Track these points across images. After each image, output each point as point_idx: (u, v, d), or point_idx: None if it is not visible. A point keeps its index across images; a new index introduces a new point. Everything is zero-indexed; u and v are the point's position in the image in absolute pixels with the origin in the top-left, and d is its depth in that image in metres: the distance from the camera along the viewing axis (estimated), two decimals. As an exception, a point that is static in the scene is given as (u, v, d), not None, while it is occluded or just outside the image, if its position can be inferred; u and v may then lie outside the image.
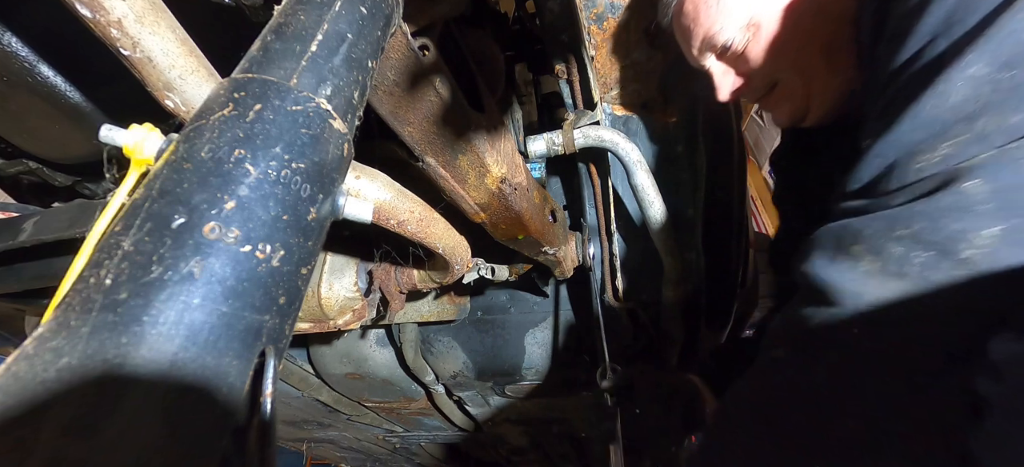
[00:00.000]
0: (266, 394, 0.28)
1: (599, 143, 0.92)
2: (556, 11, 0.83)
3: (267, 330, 0.29)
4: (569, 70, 0.93)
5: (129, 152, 0.38)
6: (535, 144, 0.94)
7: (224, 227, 0.28)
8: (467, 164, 0.76)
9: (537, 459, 2.23)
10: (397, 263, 0.97)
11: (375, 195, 0.61)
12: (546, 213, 1.00)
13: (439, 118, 0.67)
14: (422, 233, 0.69)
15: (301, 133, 0.33)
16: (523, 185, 0.88)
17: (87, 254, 0.33)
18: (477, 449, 2.28)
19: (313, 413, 1.86)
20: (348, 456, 2.65)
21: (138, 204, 0.28)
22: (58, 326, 0.25)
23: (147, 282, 0.26)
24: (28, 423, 0.21)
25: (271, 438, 0.28)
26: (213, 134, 0.31)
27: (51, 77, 0.71)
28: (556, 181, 1.25)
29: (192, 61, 0.46)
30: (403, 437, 2.13)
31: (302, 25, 0.38)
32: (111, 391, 0.23)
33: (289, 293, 0.31)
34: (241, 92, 0.33)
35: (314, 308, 0.95)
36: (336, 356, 1.47)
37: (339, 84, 0.38)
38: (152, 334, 0.25)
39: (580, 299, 1.30)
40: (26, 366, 0.23)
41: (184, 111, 0.47)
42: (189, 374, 0.25)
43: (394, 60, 0.56)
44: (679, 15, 0.76)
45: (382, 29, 0.45)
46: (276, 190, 0.31)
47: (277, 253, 0.30)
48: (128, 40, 0.42)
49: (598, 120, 0.94)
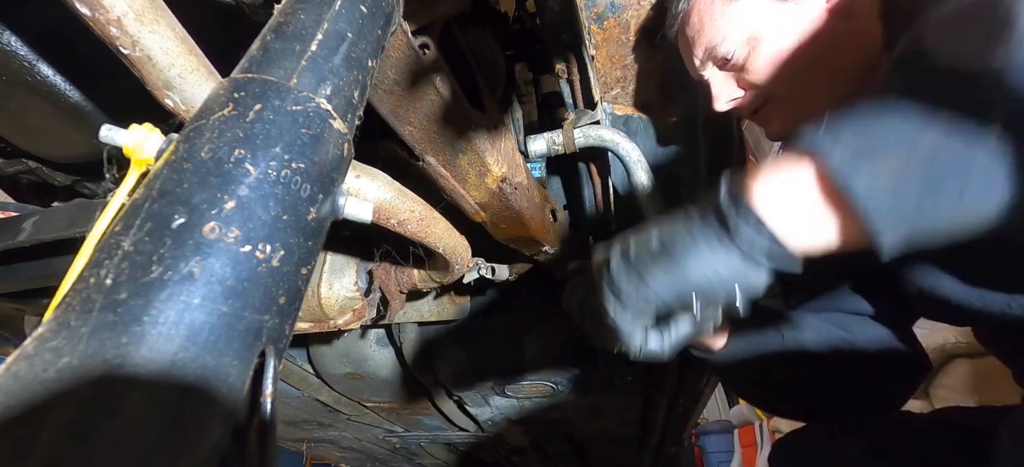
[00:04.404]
0: (266, 394, 0.28)
1: (599, 143, 0.92)
2: (556, 10, 0.83)
3: (267, 330, 0.29)
4: (569, 70, 0.93)
5: (129, 152, 0.38)
6: (535, 143, 0.94)
7: (224, 227, 0.28)
8: (467, 163, 0.76)
9: (537, 459, 2.23)
10: (397, 263, 0.97)
11: (375, 195, 0.61)
12: (546, 213, 1.00)
13: (440, 117, 0.67)
14: (422, 233, 0.69)
15: (301, 133, 0.33)
16: (523, 184, 0.88)
17: (87, 254, 0.33)
18: (477, 449, 2.28)
19: (313, 413, 1.86)
20: (348, 456, 2.65)
21: (138, 204, 0.28)
22: (58, 326, 0.25)
23: (147, 282, 0.26)
24: (28, 423, 0.21)
25: (271, 438, 0.28)
26: (213, 134, 0.31)
27: (51, 76, 0.71)
28: (556, 181, 1.25)
29: (192, 60, 0.45)
30: (403, 437, 2.13)
31: (302, 24, 0.38)
32: (111, 391, 0.23)
33: (289, 293, 0.31)
34: (241, 92, 0.33)
35: (314, 308, 0.95)
36: (336, 356, 1.47)
37: (339, 84, 0.38)
38: (152, 334, 0.25)
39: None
40: (26, 366, 0.23)
41: (184, 110, 0.47)
42: (189, 374, 0.25)
43: (394, 59, 0.56)
44: (685, 26, 0.78)
45: (382, 28, 0.45)
46: (276, 190, 0.31)
47: (277, 253, 0.30)
48: (128, 39, 0.42)
49: (598, 120, 0.94)
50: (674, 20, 0.79)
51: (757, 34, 0.72)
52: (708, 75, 0.79)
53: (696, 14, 0.76)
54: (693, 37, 0.77)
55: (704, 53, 0.77)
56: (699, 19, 0.76)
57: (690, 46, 0.79)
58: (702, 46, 0.77)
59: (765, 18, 0.72)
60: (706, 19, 0.75)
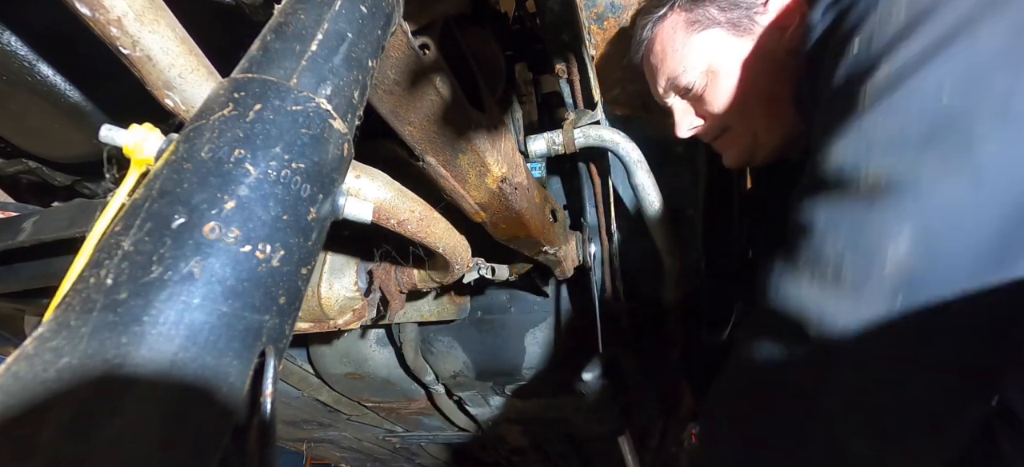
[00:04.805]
0: (266, 394, 0.28)
1: (599, 143, 0.92)
2: (556, 10, 0.83)
3: (267, 330, 0.29)
4: (569, 70, 0.93)
5: (129, 152, 0.38)
6: (535, 143, 0.94)
7: (224, 227, 0.28)
8: (467, 163, 0.76)
9: (537, 459, 2.22)
10: (397, 263, 0.97)
11: (375, 195, 0.61)
12: (546, 213, 1.00)
13: (440, 117, 0.67)
14: (422, 233, 0.69)
15: (301, 133, 0.33)
16: (523, 185, 0.88)
17: (87, 254, 0.33)
18: (477, 449, 2.28)
19: (313, 413, 1.86)
20: (348, 456, 2.65)
21: (138, 204, 0.28)
22: (58, 326, 0.25)
23: (147, 282, 0.26)
24: (28, 423, 0.21)
25: (271, 438, 0.28)
26: (213, 134, 0.31)
27: (51, 76, 0.71)
28: (556, 181, 1.25)
29: (192, 60, 0.45)
30: (403, 437, 2.13)
31: (302, 24, 0.38)
32: (111, 391, 0.23)
33: (289, 293, 0.31)
34: (241, 92, 0.33)
35: (314, 308, 0.95)
36: (336, 356, 1.47)
37: (339, 84, 0.38)
38: (152, 334, 0.25)
39: (580, 299, 1.30)
40: (26, 366, 0.23)
41: (184, 110, 0.47)
42: (189, 374, 0.25)
43: (394, 59, 0.56)
44: (649, 55, 0.82)
45: (382, 28, 0.45)
46: (276, 190, 0.31)
47: (277, 253, 0.30)
48: (128, 39, 0.42)
49: (598, 120, 0.94)
50: (639, 47, 0.82)
51: (715, 67, 0.75)
52: (671, 103, 0.83)
53: (659, 44, 0.79)
54: (656, 66, 0.80)
55: (666, 82, 0.80)
56: (662, 49, 0.78)
57: (653, 74, 0.82)
58: (664, 75, 0.80)
59: (722, 51, 0.74)
60: (669, 49, 0.77)
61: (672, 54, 0.77)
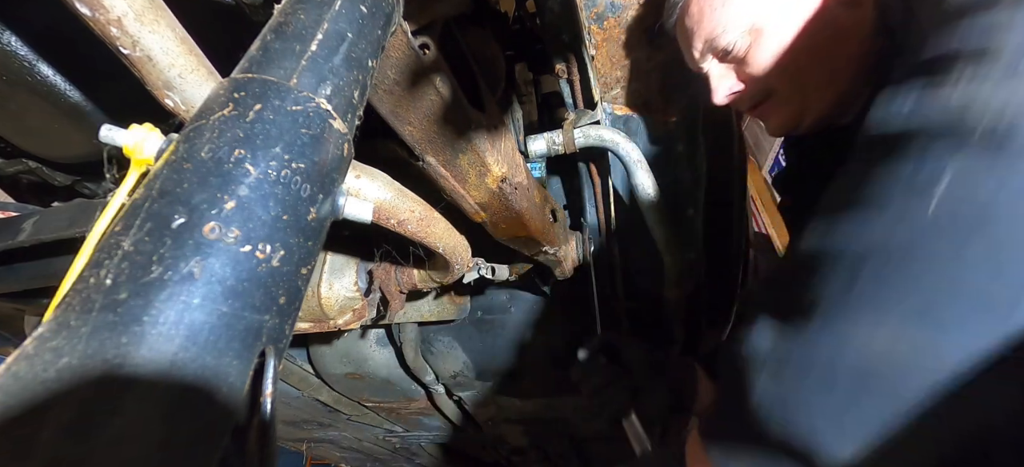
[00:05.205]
0: (266, 394, 0.28)
1: (599, 143, 0.92)
2: (556, 10, 0.83)
3: (267, 330, 0.29)
4: (569, 70, 0.93)
5: (129, 152, 0.38)
6: (535, 143, 0.94)
7: (224, 227, 0.28)
8: (467, 163, 0.76)
9: (537, 459, 2.22)
10: (397, 263, 0.97)
11: (375, 195, 0.61)
12: (546, 213, 1.00)
13: (440, 117, 0.67)
14: (422, 233, 0.69)
15: (301, 133, 0.33)
16: (523, 184, 0.88)
17: (87, 254, 0.33)
18: (477, 449, 2.28)
19: (313, 413, 1.86)
20: (348, 456, 2.65)
21: (138, 204, 0.28)
22: (58, 326, 0.25)
23: (147, 282, 0.26)
24: (28, 423, 0.21)
25: (271, 438, 0.28)
26: (213, 134, 0.31)
27: (51, 76, 0.71)
28: (556, 181, 1.25)
29: (192, 60, 0.46)
30: (403, 437, 2.13)
31: (302, 24, 0.38)
32: (111, 391, 0.23)
33: (289, 293, 0.31)
34: (241, 92, 0.33)
35: (314, 308, 0.95)
36: (336, 356, 1.47)
37: (339, 84, 0.38)
38: (152, 334, 0.25)
39: (580, 299, 1.30)
40: (26, 366, 0.23)
41: (184, 110, 0.47)
42: (189, 374, 0.25)
43: (394, 59, 0.56)
44: (684, 17, 0.76)
45: (382, 28, 0.45)
46: (276, 190, 0.31)
47: (277, 253, 0.30)
48: (128, 39, 0.42)
49: (598, 120, 0.94)
50: (673, 10, 0.77)
51: (759, 25, 0.69)
52: (707, 67, 0.77)
53: (696, 4, 0.73)
54: (692, 28, 0.74)
55: (704, 44, 0.74)
56: (699, 9, 0.73)
57: (689, 37, 0.76)
58: (702, 37, 0.74)
59: (768, 8, 0.69)
60: (706, 9, 0.72)
61: (710, 14, 0.72)
